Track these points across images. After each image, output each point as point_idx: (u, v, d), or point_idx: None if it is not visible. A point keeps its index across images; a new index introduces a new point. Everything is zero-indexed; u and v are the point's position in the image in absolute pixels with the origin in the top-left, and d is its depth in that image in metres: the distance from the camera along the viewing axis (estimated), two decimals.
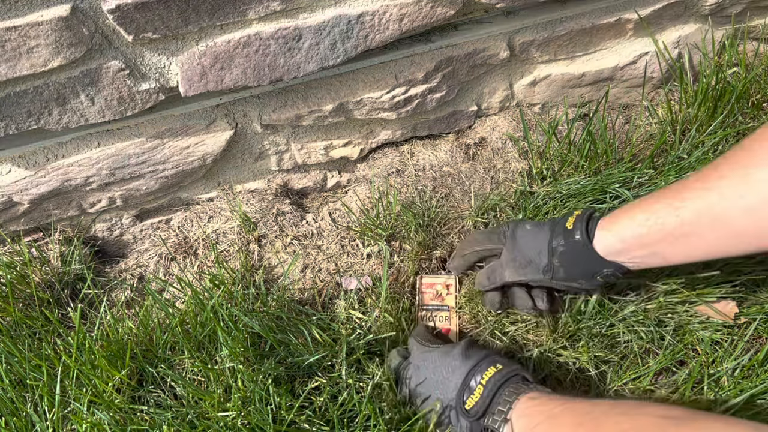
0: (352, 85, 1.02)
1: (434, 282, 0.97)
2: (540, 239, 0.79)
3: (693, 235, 0.64)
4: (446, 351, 0.74)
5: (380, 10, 0.87)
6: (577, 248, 0.74)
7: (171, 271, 1.06)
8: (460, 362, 0.70)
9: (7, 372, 0.84)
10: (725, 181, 0.61)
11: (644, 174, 0.99)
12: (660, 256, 0.69)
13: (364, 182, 1.17)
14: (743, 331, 0.86)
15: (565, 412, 0.59)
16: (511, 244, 0.83)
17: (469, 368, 0.69)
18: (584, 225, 0.74)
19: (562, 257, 0.76)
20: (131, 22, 0.76)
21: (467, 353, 0.71)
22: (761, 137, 0.60)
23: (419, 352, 0.78)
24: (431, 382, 0.72)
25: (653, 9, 1.06)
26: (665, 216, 0.66)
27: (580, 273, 0.76)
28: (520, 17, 1.03)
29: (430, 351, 0.76)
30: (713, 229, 0.63)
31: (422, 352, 0.77)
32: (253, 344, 0.84)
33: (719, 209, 0.61)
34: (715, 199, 0.61)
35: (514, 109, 1.19)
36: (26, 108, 0.84)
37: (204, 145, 1.02)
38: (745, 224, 0.60)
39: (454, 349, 0.73)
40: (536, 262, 0.79)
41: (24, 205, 1.03)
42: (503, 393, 0.65)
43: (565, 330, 0.87)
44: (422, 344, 0.79)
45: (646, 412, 0.54)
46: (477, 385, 0.67)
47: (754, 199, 0.58)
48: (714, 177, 0.62)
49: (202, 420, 0.76)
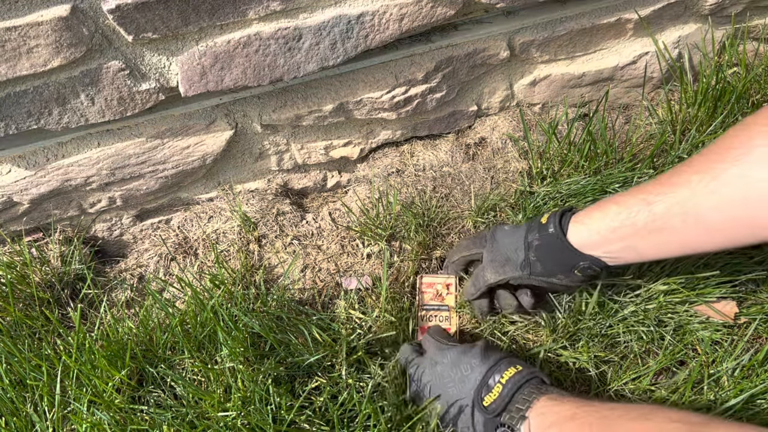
0: (352, 85, 1.02)
1: (434, 282, 0.97)
2: (516, 237, 0.82)
3: (665, 229, 0.66)
4: (465, 350, 0.75)
5: (380, 10, 0.87)
6: (551, 241, 0.76)
7: (171, 271, 1.06)
8: (479, 361, 0.72)
9: (7, 372, 0.84)
10: (697, 176, 0.62)
11: (644, 174, 0.99)
12: (634, 250, 0.71)
13: (364, 182, 1.17)
14: (743, 331, 0.86)
15: (582, 413, 0.60)
16: (491, 245, 0.85)
17: (488, 367, 0.71)
18: (558, 219, 0.77)
19: (538, 251, 0.78)
20: (131, 22, 0.76)
21: (486, 353, 0.73)
22: (734, 135, 0.61)
23: (437, 349, 0.78)
24: (447, 379, 0.74)
25: (653, 9, 1.06)
26: (638, 210, 0.67)
27: (557, 267, 0.78)
28: (520, 17, 1.03)
29: (448, 348, 0.77)
30: (685, 224, 0.64)
31: (440, 349, 0.78)
32: (253, 344, 0.84)
33: (690, 204, 0.63)
34: (686, 195, 0.63)
35: (514, 109, 1.19)
36: (26, 108, 0.84)
37: (204, 145, 1.02)
38: (716, 220, 0.62)
39: (473, 348, 0.75)
40: (513, 259, 0.81)
41: (24, 205, 1.03)
42: (522, 392, 0.67)
43: (565, 330, 0.87)
44: (440, 341, 0.80)
45: (665, 417, 0.55)
46: (496, 384, 0.69)
47: (725, 196, 0.60)
48: (687, 173, 0.64)
49: (202, 420, 0.76)
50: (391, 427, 0.75)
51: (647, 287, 0.88)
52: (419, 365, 0.78)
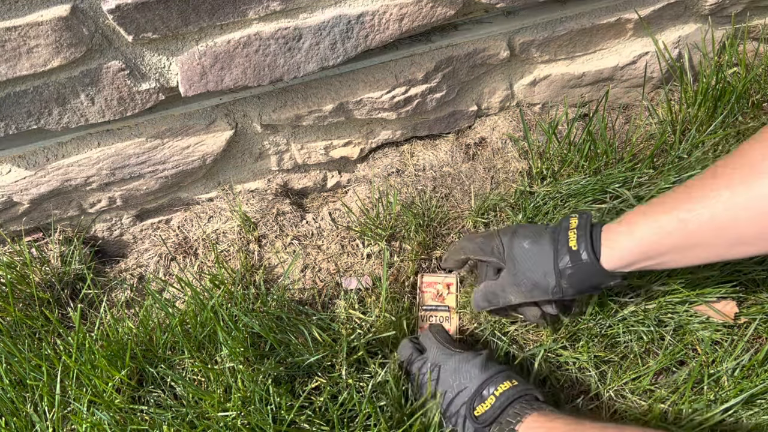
0: (352, 85, 1.02)
1: (435, 281, 0.98)
2: (543, 260, 0.76)
3: (698, 246, 0.65)
4: (467, 358, 0.75)
5: (380, 10, 0.87)
6: (585, 269, 0.73)
7: (171, 271, 1.06)
8: (478, 371, 0.73)
9: (7, 372, 0.84)
10: (727, 191, 0.61)
11: (644, 174, 0.99)
12: (663, 264, 0.70)
13: (364, 182, 1.17)
14: (743, 331, 0.86)
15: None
16: (511, 265, 0.80)
17: (484, 378, 0.72)
18: (589, 242, 0.72)
19: (571, 279, 0.74)
20: (131, 22, 0.76)
21: (486, 365, 0.74)
22: (761, 141, 0.60)
23: (439, 353, 0.78)
24: (446, 385, 0.75)
25: (653, 9, 1.06)
26: (672, 230, 0.66)
27: (588, 288, 0.76)
28: (520, 17, 1.03)
29: (452, 354, 0.77)
30: (718, 239, 0.63)
31: (443, 353, 0.78)
32: (253, 344, 0.84)
33: (724, 218, 0.61)
34: (719, 209, 0.61)
35: (514, 109, 1.19)
36: (26, 108, 0.84)
37: (204, 145, 1.02)
38: (750, 233, 0.61)
39: (476, 358, 0.75)
40: (543, 285, 0.76)
41: (24, 205, 1.03)
42: (515, 406, 0.68)
43: (565, 330, 0.87)
44: (443, 345, 0.79)
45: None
46: (489, 395, 0.69)
47: (759, 209, 0.59)
48: (717, 186, 0.62)
49: (202, 420, 0.76)
50: (391, 426, 0.75)
51: (647, 287, 0.88)
52: (422, 364, 0.78)
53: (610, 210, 0.96)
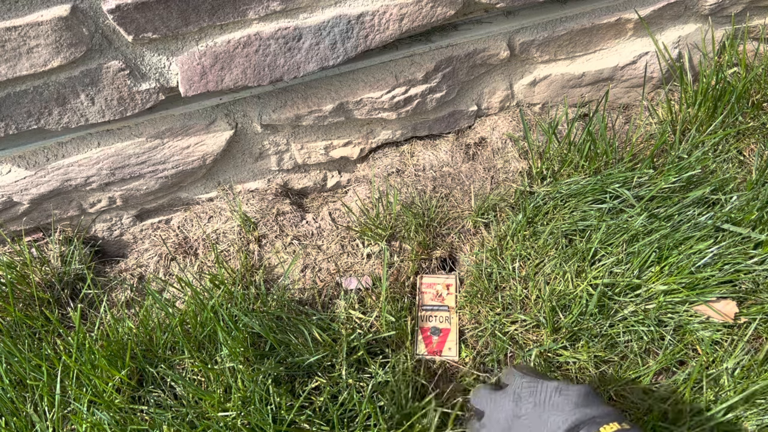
0: (352, 85, 1.02)
1: (434, 282, 0.97)
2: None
3: None
4: (561, 387, 0.60)
5: (380, 10, 0.87)
6: None
7: (171, 271, 1.06)
8: (572, 406, 0.58)
9: (7, 372, 0.84)
10: None
11: (644, 174, 0.99)
12: None
13: (364, 182, 1.17)
14: (743, 331, 0.86)
15: None
16: None
17: (585, 415, 0.56)
18: None
19: None
20: (131, 22, 0.76)
21: (588, 398, 0.59)
22: None
23: (526, 382, 0.63)
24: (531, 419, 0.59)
25: (653, 9, 1.06)
26: None
27: None
28: (520, 17, 1.03)
29: (540, 383, 0.62)
30: None
31: (529, 382, 0.63)
32: (253, 344, 0.84)
33: None
34: None
35: (514, 109, 1.19)
36: (26, 108, 0.84)
37: (204, 145, 1.02)
38: None
39: (572, 388, 0.60)
40: None
41: (24, 205, 1.03)
42: None
43: (565, 330, 0.87)
44: (526, 374, 0.66)
45: None
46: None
47: None
48: None
49: (202, 420, 0.76)
50: (391, 426, 0.75)
51: (647, 287, 0.88)
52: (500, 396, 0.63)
53: (610, 210, 0.96)
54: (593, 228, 0.94)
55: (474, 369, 0.88)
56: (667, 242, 0.90)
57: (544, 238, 0.94)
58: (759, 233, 0.90)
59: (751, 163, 1.05)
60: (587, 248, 0.91)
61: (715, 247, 0.89)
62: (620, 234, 0.92)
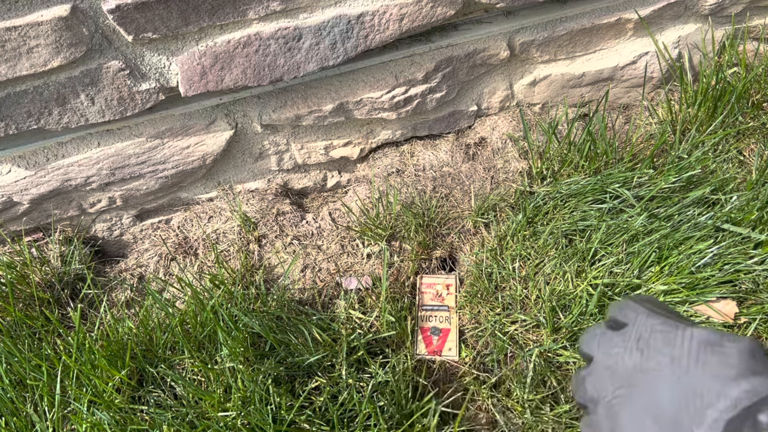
0: (352, 85, 1.02)
1: (434, 282, 0.97)
2: None
3: None
4: (713, 339, 0.36)
5: (380, 10, 0.87)
6: None
7: (171, 271, 1.06)
8: (735, 373, 0.34)
9: (7, 372, 0.84)
10: None
11: (644, 174, 0.99)
12: None
13: (364, 182, 1.17)
14: (743, 331, 0.86)
15: None
16: None
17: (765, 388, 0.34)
18: None
19: None
20: (131, 22, 0.76)
21: (754, 360, 0.36)
22: None
23: (659, 324, 0.40)
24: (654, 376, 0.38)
25: (653, 9, 1.06)
26: None
27: None
28: (520, 17, 1.03)
29: (678, 328, 0.39)
30: None
31: (662, 325, 0.40)
32: (253, 344, 0.84)
33: None
34: None
35: (514, 109, 1.19)
36: (26, 108, 0.84)
37: (204, 145, 1.02)
38: None
39: (730, 343, 0.36)
40: None
41: (24, 205, 1.03)
42: None
43: (565, 330, 0.87)
44: (655, 313, 0.42)
45: None
46: None
47: None
48: None
49: (202, 420, 0.75)
50: (391, 426, 0.75)
51: (647, 287, 0.88)
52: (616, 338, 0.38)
53: (610, 210, 0.96)
54: (593, 228, 0.94)
55: (474, 369, 0.88)
56: (667, 242, 0.90)
57: (544, 238, 0.94)
58: (759, 233, 0.90)
59: (751, 163, 1.05)
60: (587, 248, 0.91)
61: (715, 247, 0.89)
62: (620, 234, 0.92)
